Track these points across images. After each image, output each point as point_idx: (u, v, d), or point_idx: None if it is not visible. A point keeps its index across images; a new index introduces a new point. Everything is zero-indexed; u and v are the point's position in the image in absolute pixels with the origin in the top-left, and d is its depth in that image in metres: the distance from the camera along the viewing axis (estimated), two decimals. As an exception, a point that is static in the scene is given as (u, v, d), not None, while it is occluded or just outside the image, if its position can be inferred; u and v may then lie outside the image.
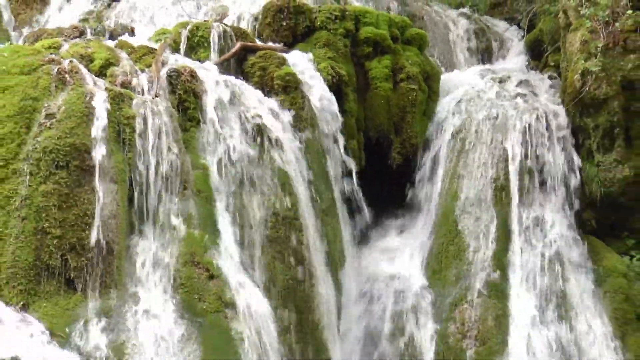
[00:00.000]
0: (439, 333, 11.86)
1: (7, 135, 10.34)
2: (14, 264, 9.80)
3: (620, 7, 12.34)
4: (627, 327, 11.72)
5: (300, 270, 11.20)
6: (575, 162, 12.78)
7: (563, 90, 13.46)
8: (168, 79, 11.39)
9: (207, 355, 9.79)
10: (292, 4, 13.75)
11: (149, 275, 10.34)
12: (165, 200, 10.69)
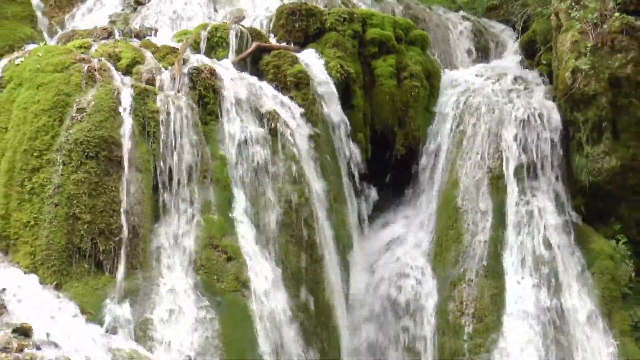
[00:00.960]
0: (439, 310, 11.88)
1: (41, 128, 10.43)
2: (48, 247, 9.90)
3: (608, 10, 12.30)
4: (613, 304, 11.73)
5: (311, 253, 11.19)
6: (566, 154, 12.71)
7: (555, 87, 13.46)
8: (189, 76, 11.40)
9: (225, 330, 9.82)
10: (304, 7, 13.75)
11: (171, 258, 10.35)
12: (187, 188, 10.69)
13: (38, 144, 10.35)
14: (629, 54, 12.16)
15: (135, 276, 10.01)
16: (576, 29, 12.68)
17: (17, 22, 14.62)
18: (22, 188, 10.22)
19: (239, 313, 10.03)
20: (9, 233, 10.17)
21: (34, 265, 9.88)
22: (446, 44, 17.39)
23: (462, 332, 11.53)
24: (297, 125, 11.80)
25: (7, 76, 11.19)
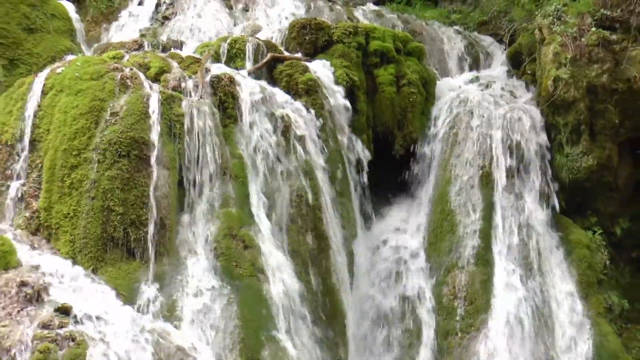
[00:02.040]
0: (434, 294, 11.90)
1: (79, 129, 10.49)
2: (85, 236, 9.98)
3: (585, 25, 12.34)
4: (590, 289, 11.75)
5: (319, 242, 11.24)
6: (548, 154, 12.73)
7: (538, 94, 13.46)
8: (211, 84, 11.46)
9: (243, 311, 9.89)
10: (313, 22, 13.80)
11: (195, 246, 10.42)
12: (209, 183, 10.74)
13: (76, 144, 10.41)
14: (605, 64, 12.20)
15: (163, 262, 10.09)
16: (557, 42, 12.70)
17: (59, 35, 14.68)
18: (63, 183, 10.30)
19: (255, 295, 10.10)
20: (51, 223, 10.25)
21: (73, 252, 9.96)
22: (441, 54, 17.37)
23: (455, 314, 11.56)
24: (307, 127, 11.82)
25: (50, 84, 11.23)
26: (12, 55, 13.93)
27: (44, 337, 8.10)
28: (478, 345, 11.20)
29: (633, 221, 12.57)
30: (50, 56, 13.83)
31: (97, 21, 17.41)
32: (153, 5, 17.58)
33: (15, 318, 8.32)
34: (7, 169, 10.94)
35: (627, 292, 12.12)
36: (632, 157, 12.56)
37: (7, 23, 14.06)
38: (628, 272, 12.47)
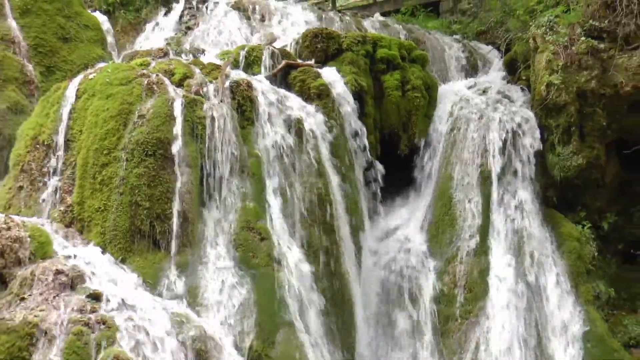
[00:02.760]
0: (436, 282, 11.88)
1: (109, 130, 10.55)
2: (115, 228, 10.05)
3: (575, 35, 12.34)
4: (580, 278, 11.74)
5: (330, 235, 11.26)
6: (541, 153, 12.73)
7: (532, 98, 13.45)
8: (230, 88, 11.46)
9: (259, 297, 9.94)
10: (325, 32, 13.81)
11: (215, 238, 10.45)
12: (228, 180, 10.77)
13: (107, 144, 10.47)
14: (593, 71, 12.20)
15: (186, 252, 10.13)
16: (550, 50, 12.70)
17: (91, 44, 14.74)
18: (94, 180, 10.36)
19: (270, 283, 10.12)
20: (84, 217, 10.31)
21: (103, 243, 10.02)
22: (442, 62, 17.37)
23: (455, 301, 11.58)
24: (318, 129, 11.83)
25: (83, 88, 11.28)
26: (48, 62, 14.00)
27: (78, 320, 8.16)
28: (476, 330, 11.21)
29: (619, 216, 12.57)
30: (83, 63, 13.89)
31: (126, 31, 17.46)
32: (177, 17, 17.63)
33: (52, 303, 8.37)
34: (44, 166, 11.01)
35: (613, 282, 12.11)
36: (618, 157, 12.57)
37: (45, 33, 14.13)
38: (614, 263, 12.46)
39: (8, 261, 8.81)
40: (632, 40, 11.99)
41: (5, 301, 8.46)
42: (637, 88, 11.87)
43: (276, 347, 9.63)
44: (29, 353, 7.91)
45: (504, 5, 18.12)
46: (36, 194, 10.87)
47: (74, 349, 7.92)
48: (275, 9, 18.31)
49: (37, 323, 8.05)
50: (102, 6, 17.65)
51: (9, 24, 13.84)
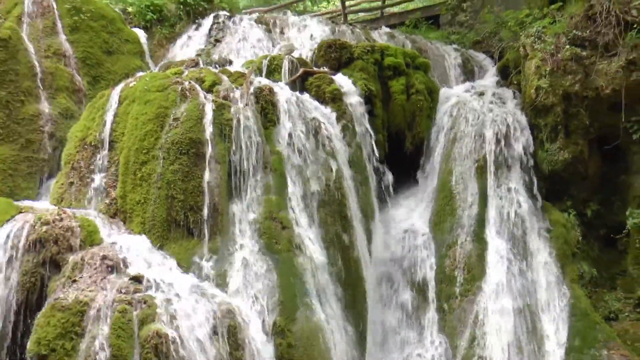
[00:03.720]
0: (438, 265, 11.91)
1: (148, 132, 10.64)
2: (153, 219, 10.12)
3: (561, 44, 12.31)
4: (566, 260, 11.73)
5: (343, 224, 11.29)
6: (531, 149, 12.71)
7: (523, 100, 13.44)
8: (254, 94, 11.49)
9: (281, 280, 9.97)
10: (338, 42, 13.83)
11: (242, 226, 10.47)
12: (253, 175, 10.82)
13: (146, 144, 10.54)
14: (577, 75, 12.17)
15: (216, 240, 10.17)
16: (538, 57, 12.69)
17: (131, 56, 14.80)
18: (135, 176, 10.43)
19: (291, 267, 10.17)
20: (126, 208, 10.39)
21: (143, 231, 10.09)
22: (442, 68, 17.33)
23: (455, 281, 11.57)
24: (333, 129, 11.86)
25: (124, 95, 11.36)
26: (94, 73, 14.07)
27: (122, 300, 8.25)
28: (474, 307, 11.22)
29: (601, 205, 12.54)
30: (124, 73, 13.95)
31: (161, 44, 17.48)
32: (207, 31, 17.62)
33: (99, 285, 8.46)
34: (91, 164, 11.09)
35: (595, 263, 12.10)
36: (600, 152, 12.54)
37: (91, 47, 14.20)
38: (597, 246, 12.44)
39: (61, 248, 8.92)
40: (611, 48, 11.97)
41: (60, 283, 8.57)
42: (615, 91, 11.84)
43: (297, 323, 9.66)
44: (81, 328, 8.00)
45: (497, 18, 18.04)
46: (84, 188, 10.95)
47: (119, 325, 8.00)
48: (294, 23, 18.32)
49: (87, 302, 8.14)
50: (141, 23, 17.68)
51: (61, 40, 13.91)
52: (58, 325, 7.99)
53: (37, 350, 7.95)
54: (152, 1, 18.15)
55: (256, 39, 17.24)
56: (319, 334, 9.73)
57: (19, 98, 12.73)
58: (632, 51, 11.70)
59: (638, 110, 11.88)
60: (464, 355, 10.85)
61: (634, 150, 12.10)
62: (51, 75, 13.28)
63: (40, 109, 12.85)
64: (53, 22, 14.06)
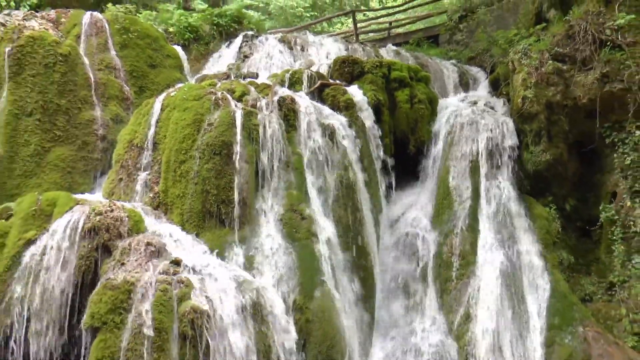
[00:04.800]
0: (437, 252, 11.87)
1: (187, 135, 10.70)
2: (190, 210, 10.17)
3: (544, 59, 12.27)
4: (547, 248, 11.67)
5: (355, 215, 11.28)
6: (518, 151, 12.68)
7: (511, 108, 13.39)
8: (278, 102, 11.50)
9: (301, 263, 10.01)
10: (350, 58, 13.84)
11: (267, 217, 10.51)
12: (276, 173, 10.83)
13: (184, 146, 10.59)
14: (558, 87, 12.12)
15: (245, 229, 10.20)
16: (525, 71, 12.63)
17: (172, 69, 14.84)
18: (175, 173, 10.49)
19: (309, 252, 10.18)
20: (167, 201, 10.46)
21: (182, 222, 10.15)
22: (441, 81, 17.32)
23: (452, 266, 11.52)
24: (346, 133, 11.85)
25: (166, 103, 11.43)
26: (140, 83, 14.11)
27: (163, 280, 8.29)
28: (469, 289, 11.20)
29: (578, 200, 12.48)
30: (166, 84, 13.99)
31: (197, 59, 17.55)
32: (237, 48, 17.68)
33: (144, 267, 8.49)
34: (138, 163, 11.16)
35: (573, 251, 12.03)
36: (578, 155, 12.48)
37: (138, 62, 14.25)
38: (574, 236, 12.39)
39: (112, 235, 8.95)
40: (588, 62, 11.92)
41: (110, 265, 8.62)
42: (591, 100, 11.79)
43: (314, 301, 9.68)
44: (128, 304, 8.04)
45: (489, 37, 18.09)
46: (132, 184, 11.02)
47: (160, 301, 8.04)
48: (312, 42, 18.35)
49: (133, 282, 8.18)
50: (180, 41, 17.79)
51: (112, 55, 13.98)
52: (109, 301, 8.04)
53: (91, 323, 8.01)
54: (190, 22, 18.27)
55: (280, 56, 17.28)
56: (333, 311, 9.74)
57: (77, 105, 12.83)
58: (605, 65, 11.66)
59: (610, 117, 11.83)
60: (459, 330, 10.83)
61: (607, 153, 12.04)
62: (104, 86, 13.36)
63: (95, 115, 12.93)
64: (105, 40, 14.13)
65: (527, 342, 10.54)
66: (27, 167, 12.06)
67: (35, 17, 14.05)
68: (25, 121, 12.29)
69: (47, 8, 16.46)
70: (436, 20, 25.17)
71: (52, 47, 12.94)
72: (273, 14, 36.88)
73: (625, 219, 11.47)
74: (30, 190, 11.42)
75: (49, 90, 12.57)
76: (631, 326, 10.74)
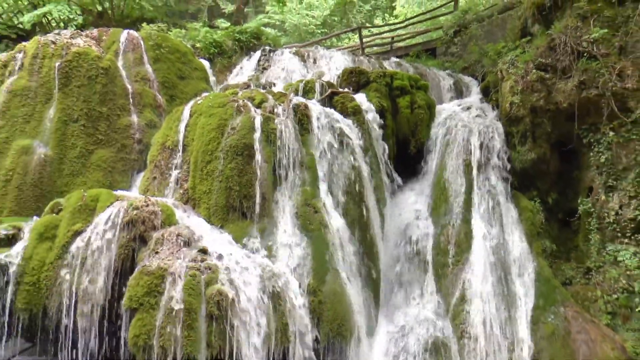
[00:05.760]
0: (435, 241, 11.85)
1: (212, 139, 10.67)
2: (216, 205, 10.18)
3: (529, 69, 12.24)
4: (533, 238, 11.64)
5: (362, 209, 11.26)
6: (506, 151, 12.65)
7: (500, 113, 13.33)
8: (293, 109, 11.48)
9: (314, 252, 10.00)
10: (357, 69, 13.79)
11: (283, 211, 10.50)
12: (292, 172, 10.82)
13: (210, 148, 10.59)
14: (541, 93, 12.08)
15: (264, 221, 10.19)
16: (512, 79, 12.60)
17: (199, 80, 14.88)
18: (202, 172, 10.49)
19: (321, 242, 10.17)
20: (195, 197, 10.46)
21: (208, 215, 10.15)
22: (438, 88, 17.27)
23: (448, 254, 11.50)
24: (353, 135, 11.82)
25: (194, 110, 11.44)
26: (171, 93, 14.15)
27: (192, 267, 8.32)
28: (463, 274, 11.18)
29: (559, 194, 12.43)
30: (194, 93, 14.01)
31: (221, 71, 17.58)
32: (256, 61, 17.69)
33: (175, 256, 8.53)
34: (169, 163, 11.19)
35: (555, 240, 11.98)
36: (558, 154, 12.44)
37: (169, 74, 14.30)
38: (556, 227, 12.34)
39: (147, 227, 9.00)
40: (567, 71, 11.88)
41: (146, 254, 8.66)
42: (570, 105, 11.76)
43: (326, 284, 9.69)
44: (162, 288, 8.08)
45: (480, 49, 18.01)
46: (164, 182, 11.06)
47: (190, 285, 8.08)
48: (323, 55, 18.32)
49: (166, 268, 8.22)
50: (206, 55, 17.84)
51: (146, 68, 14.02)
52: (145, 285, 8.09)
53: (130, 304, 8.07)
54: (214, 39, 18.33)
55: (294, 67, 17.28)
56: (343, 293, 9.74)
57: (116, 112, 12.88)
58: (583, 74, 11.63)
59: (587, 120, 11.80)
60: (455, 310, 10.82)
61: (584, 152, 12.00)
62: (139, 95, 13.41)
63: (132, 121, 12.98)
64: (141, 55, 14.19)
65: (515, 320, 10.52)
66: (74, 167, 12.14)
67: (80, 35, 14.15)
68: (72, 127, 12.38)
69: (91, 27, 16.57)
70: (433, 35, 25.10)
71: (95, 61, 13.02)
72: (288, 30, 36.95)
73: (600, 211, 11.46)
74: (77, 187, 11.51)
75: (92, 99, 12.66)
76: (605, 306, 10.74)
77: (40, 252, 9.07)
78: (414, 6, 34.47)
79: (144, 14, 23.44)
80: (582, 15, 12.16)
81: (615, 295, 10.74)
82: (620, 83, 11.31)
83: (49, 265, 8.96)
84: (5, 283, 8.83)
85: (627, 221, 11.13)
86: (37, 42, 13.29)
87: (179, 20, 26.87)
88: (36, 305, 8.83)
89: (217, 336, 7.97)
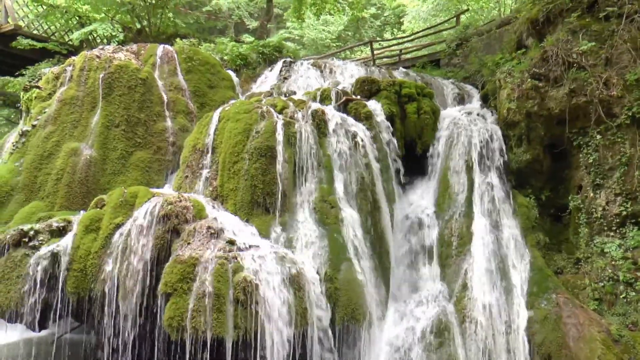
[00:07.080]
0: (440, 234, 11.80)
1: (238, 141, 10.71)
2: (242, 201, 10.20)
3: (525, 78, 12.13)
4: (527, 231, 11.54)
5: (374, 205, 11.24)
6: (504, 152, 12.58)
7: (498, 118, 13.24)
8: (311, 114, 11.51)
9: (330, 244, 9.98)
10: (369, 78, 13.75)
11: (303, 206, 10.52)
12: (310, 171, 10.83)
13: (237, 150, 10.63)
14: (535, 100, 11.98)
15: (285, 216, 10.22)
16: (509, 87, 12.51)
17: (226, 89, 14.93)
18: (229, 171, 10.53)
19: (336, 235, 10.16)
20: (223, 194, 10.49)
21: (235, 210, 10.18)
22: (442, 96, 17.19)
23: (452, 245, 11.44)
24: (366, 138, 11.81)
25: (222, 115, 11.48)
26: (201, 101, 14.22)
27: (221, 257, 8.35)
28: (465, 263, 11.13)
29: (551, 192, 12.31)
30: (222, 101, 14.06)
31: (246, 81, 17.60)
32: (278, 71, 17.66)
33: (205, 246, 8.56)
34: (200, 163, 11.22)
35: (547, 233, 11.89)
36: (551, 154, 12.34)
37: (199, 83, 14.37)
38: (548, 221, 12.24)
39: (180, 220, 9.04)
40: (559, 80, 11.77)
41: (179, 244, 8.71)
42: (562, 111, 11.65)
43: (341, 273, 9.68)
44: (193, 275, 8.12)
45: (480, 61, 17.94)
46: (195, 180, 11.10)
47: (219, 273, 8.11)
48: (338, 66, 18.28)
49: (197, 258, 8.26)
50: (233, 66, 17.87)
51: (179, 78, 14.10)
52: (178, 273, 8.13)
53: (165, 289, 8.12)
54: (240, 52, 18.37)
55: (312, 77, 17.27)
56: (356, 281, 9.72)
57: (153, 118, 12.97)
58: (573, 83, 11.54)
59: (577, 124, 11.70)
60: (458, 297, 10.76)
61: (574, 153, 11.90)
62: (173, 103, 13.49)
63: (166, 126, 13.06)
64: (174, 67, 14.27)
65: (512, 306, 10.47)
66: (115, 167, 12.24)
67: (121, 50, 14.29)
68: (113, 131, 12.49)
69: (130, 43, 16.74)
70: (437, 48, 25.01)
71: (134, 73, 13.14)
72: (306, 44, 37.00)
73: (589, 207, 11.39)
74: (118, 185, 11.62)
75: (131, 106, 12.77)
76: (593, 293, 10.69)
77: (87, 243, 9.19)
78: (420, 22, 34.39)
79: (178, 30, 23.64)
80: (572, 30, 12.10)
81: (601, 283, 10.68)
82: (606, 91, 11.24)
83: (93, 254, 9.08)
84: (57, 269, 8.96)
85: (612, 216, 11.06)
86: (84, 56, 13.45)
87: (209, 36, 27.01)
88: (83, 290, 8.95)
89: (243, 319, 7.99)
